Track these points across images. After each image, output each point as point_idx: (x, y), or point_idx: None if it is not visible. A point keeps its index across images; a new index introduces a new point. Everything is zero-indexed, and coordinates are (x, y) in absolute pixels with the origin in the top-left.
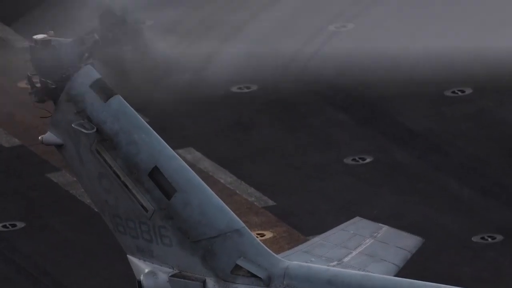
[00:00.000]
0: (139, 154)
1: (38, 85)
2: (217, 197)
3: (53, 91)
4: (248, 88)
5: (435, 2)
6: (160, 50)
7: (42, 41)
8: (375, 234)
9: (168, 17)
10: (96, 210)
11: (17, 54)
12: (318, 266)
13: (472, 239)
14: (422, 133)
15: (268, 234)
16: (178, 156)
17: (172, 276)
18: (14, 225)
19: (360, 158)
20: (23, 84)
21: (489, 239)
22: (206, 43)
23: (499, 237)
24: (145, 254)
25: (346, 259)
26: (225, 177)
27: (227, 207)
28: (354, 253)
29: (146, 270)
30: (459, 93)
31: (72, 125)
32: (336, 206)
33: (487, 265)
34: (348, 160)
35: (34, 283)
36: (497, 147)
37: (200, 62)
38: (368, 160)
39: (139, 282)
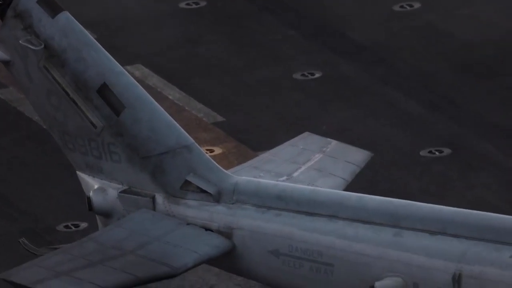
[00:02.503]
0: (87, 71)
1: None
2: (166, 113)
3: None
4: (196, 4)
5: None
6: None
7: None
8: (324, 149)
9: None
10: (45, 127)
11: None
12: (267, 181)
13: (420, 153)
14: (370, 47)
15: (217, 150)
16: (126, 73)
17: (122, 192)
18: None
19: (309, 73)
20: None
21: (437, 153)
22: None
23: (447, 151)
24: (95, 171)
25: (295, 174)
26: (174, 93)
27: (176, 123)
28: (303, 168)
29: (96, 187)
30: (408, 7)
31: (20, 41)
32: (285, 122)
33: (435, 178)
34: (297, 75)
35: None
36: (445, 61)
37: None
38: (316, 75)
39: (89, 198)
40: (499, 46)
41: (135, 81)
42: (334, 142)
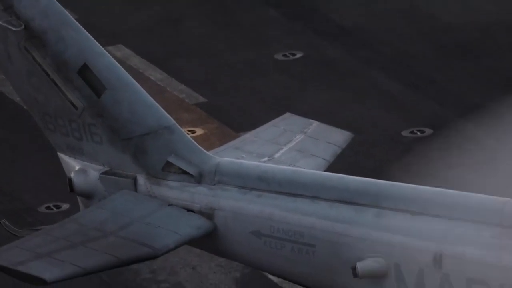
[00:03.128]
0: (68, 51)
1: None
2: (147, 94)
3: None
4: None
5: None
6: None
7: None
8: (305, 130)
9: None
10: (26, 108)
11: None
12: (249, 162)
13: (402, 133)
14: (353, 29)
15: (199, 131)
16: (107, 53)
17: (103, 173)
18: None
19: (290, 53)
20: None
21: (418, 133)
22: None
23: (428, 131)
24: (76, 152)
25: (276, 155)
26: (155, 74)
27: (157, 104)
28: (284, 148)
29: (77, 168)
30: None
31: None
32: (266, 102)
33: (416, 158)
34: (278, 56)
35: None
36: (427, 42)
37: None
38: (298, 55)
39: (70, 180)
40: (480, 28)
41: (116, 62)
42: (315, 123)
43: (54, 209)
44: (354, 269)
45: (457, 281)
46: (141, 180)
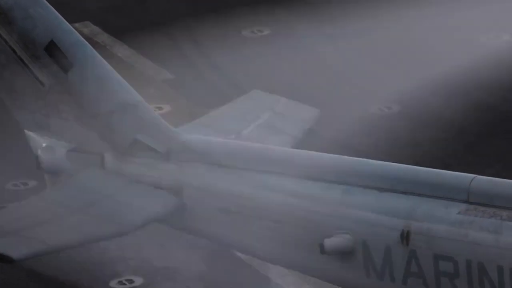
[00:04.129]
0: (35, 28)
1: None
2: (114, 71)
3: None
4: None
5: None
6: None
7: None
8: (273, 107)
9: None
10: None
11: None
12: (217, 139)
13: (369, 110)
14: (319, 4)
15: (167, 108)
16: (74, 30)
17: (70, 150)
18: None
19: (258, 30)
20: None
21: (386, 110)
22: None
23: (395, 107)
24: (43, 129)
25: (244, 132)
26: (123, 51)
27: (124, 81)
28: (252, 125)
29: (44, 145)
30: None
31: None
32: (235, 79)
33: (383, 135)
34: (246, 32)
35: None
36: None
37: None
38: (265, 32)
39: (37, 157)
40: None
41: (83, 39)
42: (283, 100)
43: (22, 186)
44: (321, 245)
45: (424, 258)
46: (109, 157)
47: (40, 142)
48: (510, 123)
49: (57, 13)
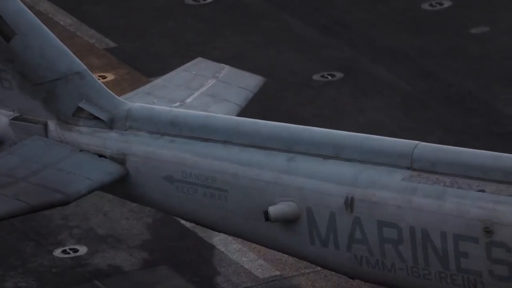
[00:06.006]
0: None
1: None
2: (57, 39)
3: None
4: None
5: None
6: None
7: None
8: (217, 75)
9: None
10: None
11: None
12: (161, 107)
13: (313, 77)
14: None
15: (110, 76)
16: None
17: (13, 119)
18: None
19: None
20: None
21: (329, 77)
22: None
23: (339, 75)
24: None
25: (188, 100)
26: (65, 19)
27: (67, 49)
28: (196, 93)
29: None
30: None
31: None
32: (178, 47)
33: (328, 102)
34: (189, 1)
35: None
36: None
37: None
38: None
39: None
40: None
41: (25, 7)
42: (227, 68)
43: None
44: (266, 213)
45: (368, 224)
46: (52, 126)
47: None
48: (453, 90)
49: None
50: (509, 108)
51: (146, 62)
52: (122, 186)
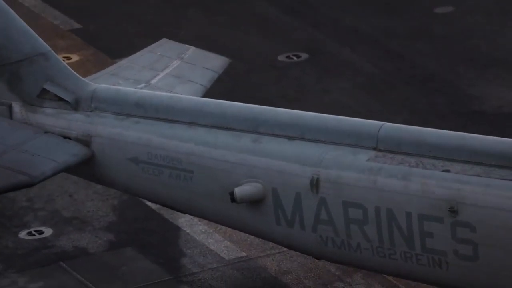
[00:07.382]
0: None
1: None
2: (21, 20)
3: None
4: None
5: None
6: None
7: None
8: (182, 56)
9: None
10: None
11: None
12: (126, 89)
13: (278, 58)
14: None
15: (75, 58)
16: None
17: None
18: None
19: None
20: None
21: (294, 58)
22: None
23: (304, 56)
24: None
25: (153, 81)
26: (30, 0)
27: (32, 30)
28: (161, 74)
29: None
30: None
31: None
32: (143, 28)
33: (293, 83)
34: None
35: None
36: None
37: None
38: None
39: None
40: None
41: None
42: (192, 49)
43: None
44: (231, 194)
45: (333, 205)
46: (17, 107)
47: None
48: (418, 71)
49: None
50: (473, 88)
51: (111, 43)
52: (87, 168)
